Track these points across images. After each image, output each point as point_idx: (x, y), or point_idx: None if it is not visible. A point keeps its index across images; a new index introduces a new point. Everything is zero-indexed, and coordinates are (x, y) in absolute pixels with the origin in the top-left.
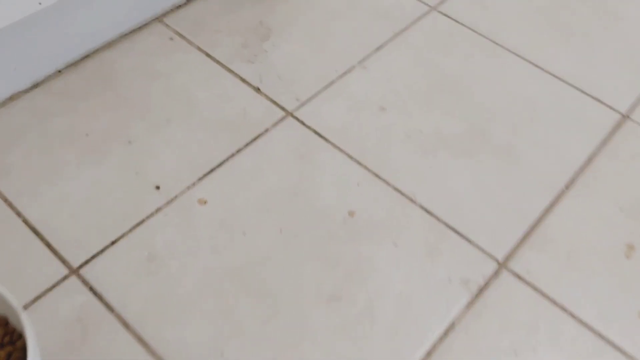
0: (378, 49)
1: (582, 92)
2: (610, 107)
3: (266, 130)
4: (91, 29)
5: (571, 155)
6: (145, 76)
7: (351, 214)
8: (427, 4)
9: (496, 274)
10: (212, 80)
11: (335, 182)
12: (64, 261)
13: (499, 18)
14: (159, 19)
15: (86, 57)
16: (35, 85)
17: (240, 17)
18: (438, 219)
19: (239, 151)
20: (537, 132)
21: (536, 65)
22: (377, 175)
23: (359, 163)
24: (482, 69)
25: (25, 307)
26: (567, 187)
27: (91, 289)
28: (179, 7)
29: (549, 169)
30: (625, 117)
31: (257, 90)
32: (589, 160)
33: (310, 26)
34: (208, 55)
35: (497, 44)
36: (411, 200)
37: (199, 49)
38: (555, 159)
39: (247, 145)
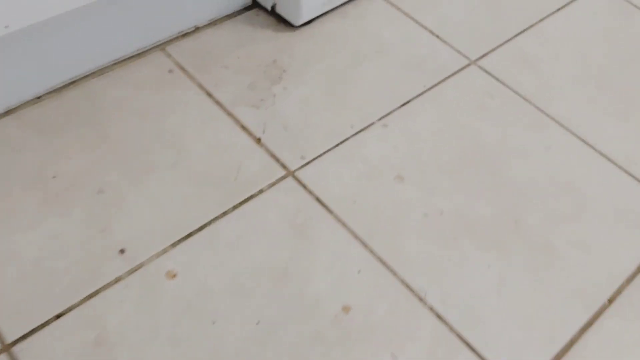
0: (404, 104)
1: (636, 177)
2: None
3: (260, 192)
4: (80, 54)
5: (619, 261)
6: (133, 113)
7: (345, 309)
8: (466, 57)
9: None
10: (208, 124)
11: (333, 265)
12: None
13: (547, 80)
14: (161, 47)
15: (71, 84)
16: (8, 112)
17: (253, 52)
18: (450, 327)
19: (224, 214)
20: (580, 226)
21: (587, 143)
22: (383, 263)
23: (364, 244)
24: (522, 140)
25: None
26: (610, 301)
27: None
28: (185, 35)
29: (590, 277)
30: None
31: (258, 141)
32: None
33: (330, 70)
34: (209, 94)
35: (542, 111)
36: (420, 299)
37: (200, 86)
38: (598, 264)
39: (235, 207)
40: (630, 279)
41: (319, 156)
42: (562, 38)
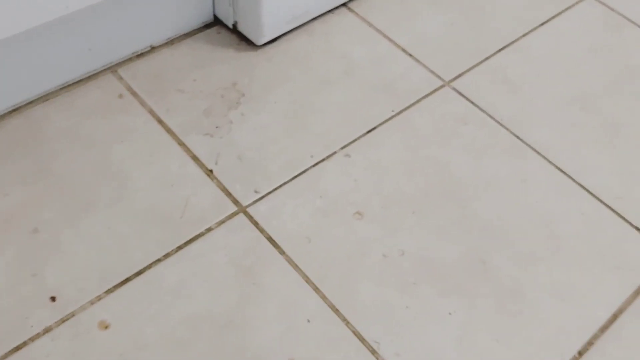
0: (369, 131)
1: (622, 217)
2: None
3: (208, 230)
4: (23, 78)
5: (593, 308)
6: (78, 143)
7: None
8: (440, 77)
9: None
10: (157, 155)
11: (281, 313)
12: None
13: (527, 103)
14: (113, 69)
15: (13, 111)
16: None
17: (211, 74)
18: None
19: (167, 256)
20: (553, 268)
21: (567, 175)
22: (335, 310)
23: (316, 289)
24: (496, 171)
25: None
26: (581, 354)
27: None
28: (139, 55)
29: (561, 326)
30: None
31: (209, 173)
32: (615, 316)
33: (293, 94)
34: (160, 121)
35: (519, 138)
36: (373, 351)
37: (151, 112)
38: (570, 312)
39: (179, 248)
40: (604, 329)
41: (274, 190)
42: (545, 55)
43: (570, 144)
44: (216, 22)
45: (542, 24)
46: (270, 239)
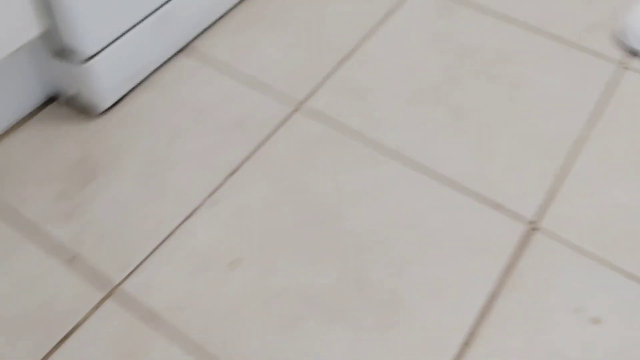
0: (230, 174)
1: (480, 198)
2: (514, 214)
3: (79, 324)
4: None
5: (468, 296)
6: None
7: None
8: (290, 103)
9: None
10: (15, 258)
11: None
12: None
13: (375, 109)
14: None
15: None
16: None
17: (60, 153)
18: None
19: None
20: (426, 267)
21: (422, 170)
22: None
23: (202, 355)
24: (355, 184)
25: None
26: (467, 344)
27: None
28: None
29: (440, 322)
30: (533, 226)
31: (71, 261)
32: (492, 298)
33: (147, 154)
34: (13, 219)
35: (372, 146)
36: None
37: (2, 210)
38: (447, 306)
39: (53, 350)
40: (483, 314)
41: (144, 261)
42: (386, 56)
43: (421, 138)
44: (55, 97)
45: (377, 25)
46: (146, 315)
